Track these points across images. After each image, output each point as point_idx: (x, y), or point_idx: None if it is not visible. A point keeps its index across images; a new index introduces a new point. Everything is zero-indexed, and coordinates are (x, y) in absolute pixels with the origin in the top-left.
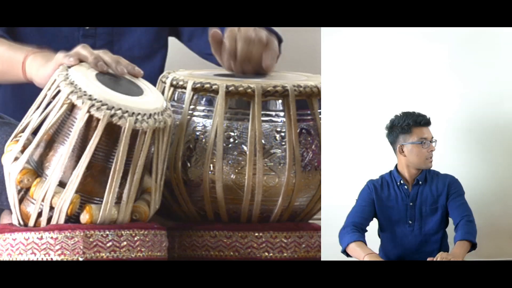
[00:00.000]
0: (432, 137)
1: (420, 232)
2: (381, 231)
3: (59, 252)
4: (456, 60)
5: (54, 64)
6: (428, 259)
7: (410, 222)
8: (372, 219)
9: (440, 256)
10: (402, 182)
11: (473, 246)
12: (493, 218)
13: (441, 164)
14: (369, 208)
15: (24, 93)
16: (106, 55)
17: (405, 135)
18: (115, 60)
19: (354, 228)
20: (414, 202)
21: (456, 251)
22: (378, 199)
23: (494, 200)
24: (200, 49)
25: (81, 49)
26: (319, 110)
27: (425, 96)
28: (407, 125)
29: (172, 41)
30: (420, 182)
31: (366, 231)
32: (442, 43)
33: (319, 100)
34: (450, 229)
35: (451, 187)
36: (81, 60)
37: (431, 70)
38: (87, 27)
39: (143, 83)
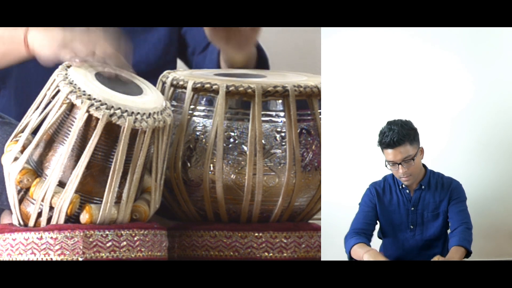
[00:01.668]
0: (405, 158)
1: (422, 237)
2: (382, 234)
3: (59, 252)
4: (457, 60)
5: (61, 44)
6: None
7: (411, 227)
8: (376, 223)
9: (436, 259)
10: (404, 186)
11: (467, 255)
12: (493, 218)
13: (442, 164)
14: (372, 213)
15: (26, 99)
16: (101, 50)
17: (382, 151)
18: (102, 61)
19: (356, 234)
20: (416, 207)
21: (452, 256)
22: (380, 203)
23: (494, 200)
24: (198, 63)
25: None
26: (319, 110)
27: (425, 97)
28: (378, 144)
29: None
30: (423, 187)
31: (372, 235)
32: (443, 43)
33: (319, 100)
34: None
35: (453, 193)
36: None
37: (431, 71)
38: None
39: (142, 83)
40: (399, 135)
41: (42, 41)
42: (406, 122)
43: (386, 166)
